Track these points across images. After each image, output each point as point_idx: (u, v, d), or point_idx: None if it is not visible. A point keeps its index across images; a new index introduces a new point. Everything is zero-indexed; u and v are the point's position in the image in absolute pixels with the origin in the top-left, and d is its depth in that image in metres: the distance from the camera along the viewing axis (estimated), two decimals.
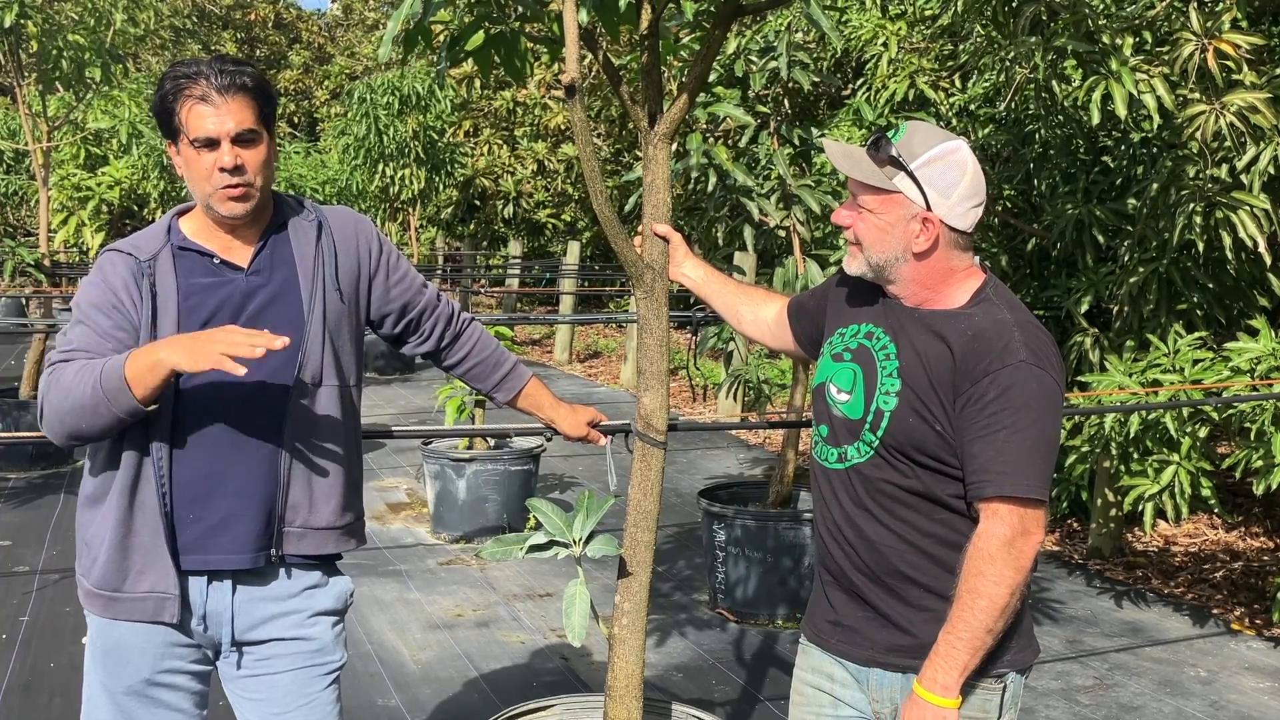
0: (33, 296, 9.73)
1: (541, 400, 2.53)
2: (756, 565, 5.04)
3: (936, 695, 1.92)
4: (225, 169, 2.03)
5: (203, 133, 2.03)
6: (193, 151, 2.05)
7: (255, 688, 2.19)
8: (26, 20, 7.80)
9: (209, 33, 29.37)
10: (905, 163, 1.97)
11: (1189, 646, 4.95)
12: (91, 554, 2.11)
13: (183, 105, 2.04)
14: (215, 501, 2.08)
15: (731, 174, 4.35)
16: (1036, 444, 1.90)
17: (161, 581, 2.07)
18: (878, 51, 6.44)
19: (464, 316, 2.46)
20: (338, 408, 2.18)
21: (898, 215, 1.99)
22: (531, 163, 18.74)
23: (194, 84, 2.04)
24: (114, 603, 2.09)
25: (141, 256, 2.09)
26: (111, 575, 2.07)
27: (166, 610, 2.08)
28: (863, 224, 2.03)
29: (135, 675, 2.11)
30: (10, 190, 14.67)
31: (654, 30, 2.44)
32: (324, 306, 2.15)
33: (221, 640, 2.16)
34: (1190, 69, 4.35)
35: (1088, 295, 5.42)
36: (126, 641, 2.10)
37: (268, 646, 2.18)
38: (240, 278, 2.12)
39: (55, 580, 5.47)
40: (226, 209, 2.07)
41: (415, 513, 6.93)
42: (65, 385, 1.98)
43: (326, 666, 2.22)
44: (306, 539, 2.16)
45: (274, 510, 2.12)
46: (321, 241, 2.19)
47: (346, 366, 2.21)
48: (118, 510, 2.06)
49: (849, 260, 2.09)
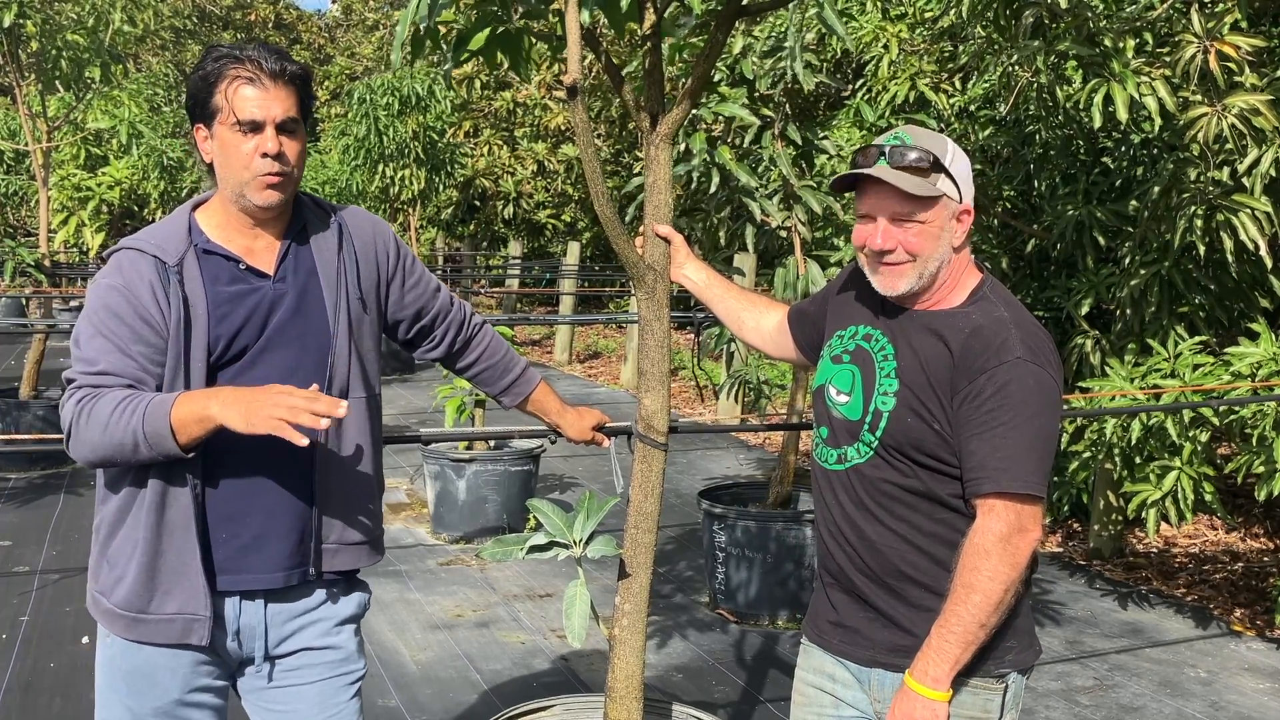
0: (33, 296, 9.72)
1: (548, 405, 2.53)
2: (757, 566, 5.04)
3: (927, 687, 1.92)
4: (269, 154, 1.97)
5: (248, 115, 1.96)
6: (233, 134, 1.98)
7: (283, 699, 2.15)
8: (25, 20, 7.79)
9: (209, 33, 29.36)
10: (945, 164, 1.98)
11: (1189, 647, 4.95)
12: (115, 573, 2.03)
13: (228, 85, 1.97)
14: (248, 520, 2.04)
15: (735, 174, 4.35)
16: (1034, 441, 1.90)
17: (191, 602, 2.01)
18: (878, 53, 6.45)
19: (475, 320, 2.43)
20: (366, 419, 2.15)
21: (944, 217, 1.99)
22: (531, 163, 18.74)
23: (242, 65, 1.97)
24: (138, 624, 2.02)
25: (168, 260, 1.99)
26: (137, 596, 2.00)
27: (195, 632, 2.02)
28: (916, 238, 1.97)
29: (164, 697, 2.06)
30: (10, 190, 14.66)
31: (656, 30, 2.44)
32: (349, 316, 2.11)
33: (255, 655, 2.11)
34: (1192, 71, 4.34)
35: (1088, 297, 5.42)
36: (153, 664, 2.04)
37: (297, 657, 2.15)
38: (267, 285, 2.05)
39: (55, 580, 5.47)
40: (263, 198, 2.00)
41: (415, 513, 6.92)
42: (100, 421, 1.90)
43: (350, 676, 2.20)
44: (340, 555, 2.14)
45: (307, 527, 2.08)
46: (343, 248, 2.14)
47: (371, 376, 2.17)
48: (147, 529, 1.99)
49: (896, 279, 2.00)
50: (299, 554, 2.09)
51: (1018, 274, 6.27)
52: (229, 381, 2.01)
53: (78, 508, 6.69)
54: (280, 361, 2.04)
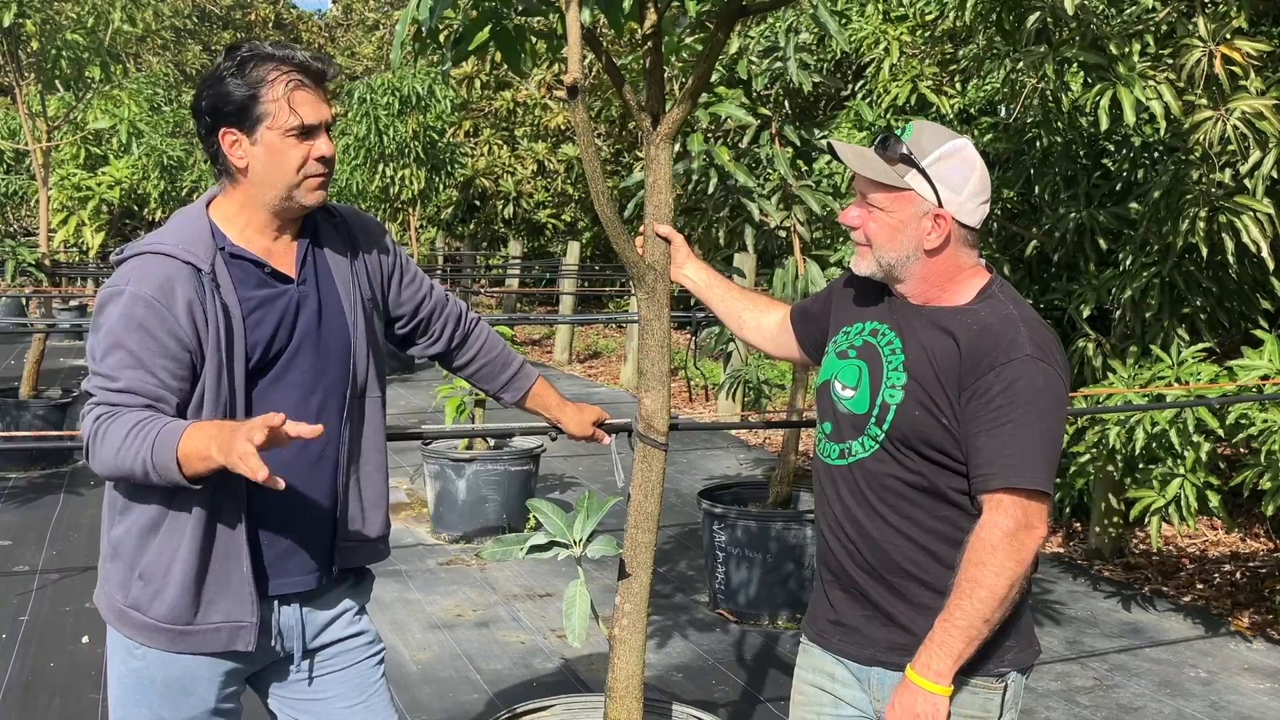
0: (33, 296, 9.73)
1: (548, 400, 2.52)
2: (757, 566, 5.04)
3: (929, 681, 1.93)
4: (325, 158, 1.98)
5: (310, 119, 1.95)
6: (285, 140, 1.95)
7: (321, 689, 2.19)
8: (25, 20, 7.79)
9: (209, 33, 29.38)
10: (917, 160, 1.98)
11: (1189, 647, 4.95)
12: (152, 587, 1.98)
13: (281, 90, 1.93)
14: (285, 525, 2.05)
15: (733, 175, 4.35)
16: (1042, 438, 1.91)
17: (237, 610, 2.00)
18: (879, 55, 6.45)
19: (472, 316, 2.44)
20: (379, 418, 2.18)
21: (909, 213, 2.00)
22: (531, 163, 18.74)
23: (291, 70, 1.95)
24: (184, 637, 2.00)
25: (203, 267, 1.94)
26: (185, 609, 1.98)
27: (241, 639, 2.01)
28: (874, 223, 2.03)
29: (200, 706, 2.06)
30: (10, 190, 14.66)
31: (657, 30, 2.44)
32: (364, 316, 2.13)
33: (295, 652, 2.13)
34: (1197, 75, 4.35)
35: (1090, 300, 5.42)
36: (192, 674, 2.03)
37: (331, 648, 2.19)
38: (292, 289, 2.04)
39: (55, 580, 5.47)
40: (313, 198, 2.01)
41: (415, 513, 6.92)
42: (114, 445, 1.86)
43: (378, 655, 2.26)
44: (359, 551, 2.17)
45: (334, 528, 2.11)
46: (351, 248, 2.16)
47: (382, 375, 2.19)
48: (192, 539, 1.96)
49: (858, 261, 2.08)
50: (328, 554, 2.12)
51: (1019, 277, 6.27)
52: (266, 387, 2.01)
53: (78, 507, 6.69)
54: (310, 365, 2.05)
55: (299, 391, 2.04)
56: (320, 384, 2.04)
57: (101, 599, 2.09)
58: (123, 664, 2.06)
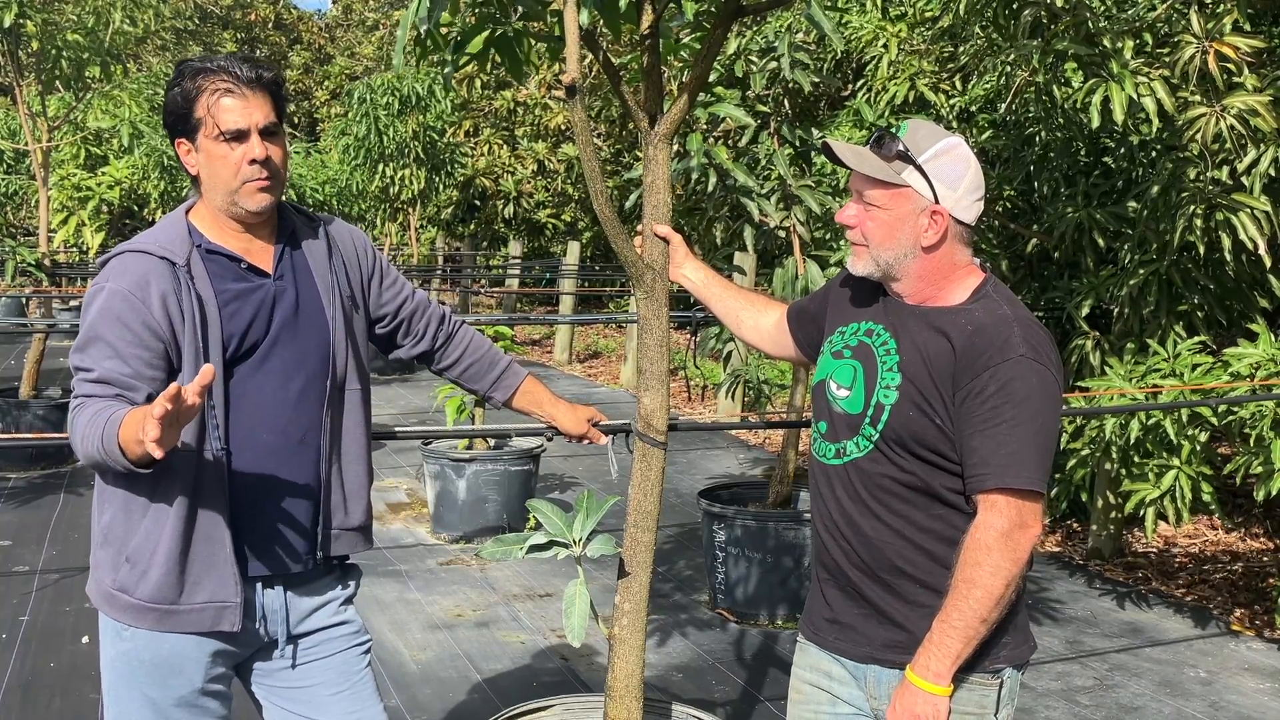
0: (33, 296, 9.73)
1: (540, 397, 2.54)
2: (756, 565, 5.04)
3: (929, 682, 1.93)
4: (257, 160, 2.04)
5: (232, 125, 2.02)
6: (218, 146, 2.04)
7: (305, 675, 2.23)
8: (25, 20, 7.80)
9: (209, 33, 29.38)
10: (914, 156, 1.99)
11: (1189, 647, 4.95)
12: (138, 568, 2.05)
13: (207, 99, 2.02)
14: (269, 507, 2.11)
15: (732, 174, 4.35)
16: (1036, 437, 1.91)
17: (221, 590, 2.06)
18: (878, 53, 6.45)
19: (454, 319, 2.48)
20: (361, 410, 2.24)
21: (906, 210, 2.01)
22: (531, 163, 18.74)
23: (218, 77, 2.03)
24: (170, 616, 2.05)
25: (177, 260, 2.03)
26: (169, 589, 2.04)
27: (226, 619, 2.07)
28: (870, 222, 2.04)
29: (188, 686, 2.10)
30: (10, 190, 14.65)
31: (655, 30, 2.45)
32: (342, 311, 2.20)
33: (279, 637, 2.18)
34: (1191, 72, 4.35)
35: (1089, 299, 5.42)
36: (180, 653, 2.08)
37: (315, 635, 2.24)
38: (269, 283, 2.13)
39: (55, 580, 5.47)
40: (254, 202, 2.07)
41: (415, 513, 6.93)
42: (78, 434, 1.95)
43: (364, 645, 2.31)
44: (342, 539, 2.23)
45: (317, 513, 2.17)
46: (331, 251, 2.23)
47: (364, 369, 2.26)
48: (175, 521, 2.02)
49: (854, 260, 2.09)
50: (311, 539, 2.17)
51: (1018, 275, 6.28)
52: (245, 376, 2.08)
53: (78, 507, 6.69)
54: (289, 355, 2.12)
55: (277, 380, 2.10)
56: (300, 373, 2.11)
57: (92, 586, 2.15)
58: (112, 647, 2.11)
